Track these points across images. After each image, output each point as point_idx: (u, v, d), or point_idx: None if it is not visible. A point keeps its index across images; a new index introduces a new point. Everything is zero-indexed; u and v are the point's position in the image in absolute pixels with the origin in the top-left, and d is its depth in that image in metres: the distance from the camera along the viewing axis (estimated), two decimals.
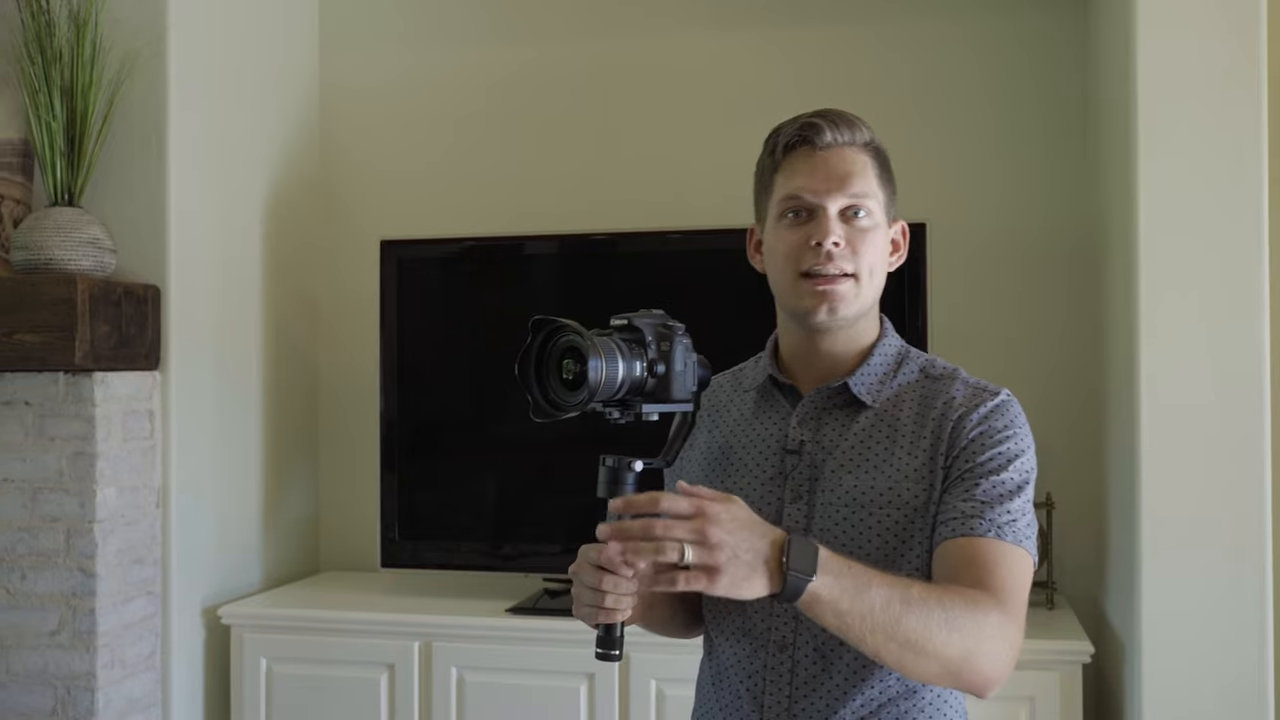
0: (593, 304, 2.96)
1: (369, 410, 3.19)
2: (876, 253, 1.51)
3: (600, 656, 1.42)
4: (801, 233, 1.49)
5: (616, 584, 1.36)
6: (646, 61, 3.26)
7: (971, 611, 1.32)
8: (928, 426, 1.49)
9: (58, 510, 2.62)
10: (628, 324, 1.42)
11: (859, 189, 1.49)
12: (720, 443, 1.60)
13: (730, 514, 1.26)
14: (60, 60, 2.65)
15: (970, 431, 1.47)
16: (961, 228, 3.02)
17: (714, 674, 1.59)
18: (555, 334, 1.36)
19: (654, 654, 2.58)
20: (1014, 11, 3.06)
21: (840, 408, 1.54)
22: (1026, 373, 2.98)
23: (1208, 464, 2.34)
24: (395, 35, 3.41)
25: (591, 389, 1.32)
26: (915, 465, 1.47)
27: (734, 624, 1.54)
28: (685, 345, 1.43)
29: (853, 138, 1.51)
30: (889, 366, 1.56)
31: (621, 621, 1.38)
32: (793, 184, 1.50)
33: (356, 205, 3.41)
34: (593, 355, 1.32)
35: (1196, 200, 2.35)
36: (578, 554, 1.41)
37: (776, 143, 1.54)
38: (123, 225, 2.75)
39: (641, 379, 1.39)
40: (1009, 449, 1.47)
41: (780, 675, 1.49)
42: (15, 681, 2.64)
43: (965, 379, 1.54)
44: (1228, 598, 2.33)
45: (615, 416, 1.41)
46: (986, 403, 1.49)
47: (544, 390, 1.36)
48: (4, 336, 2.54)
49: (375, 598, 3.01)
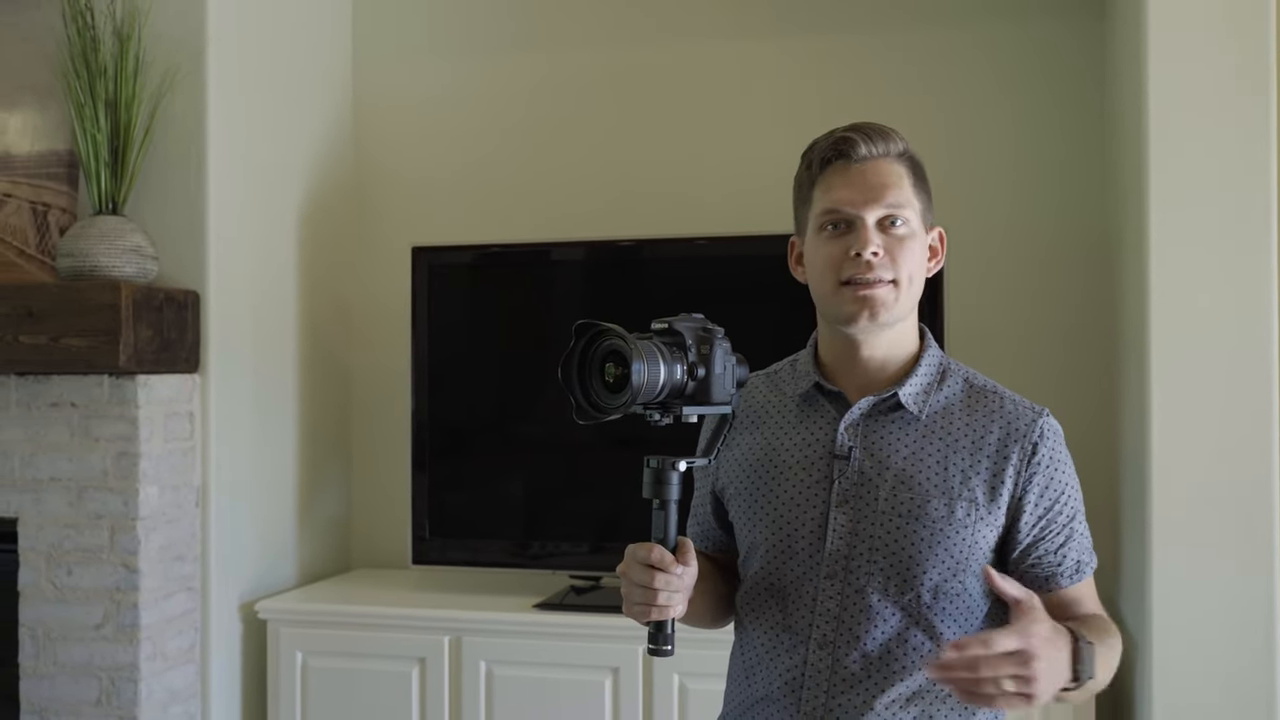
0: (619, 309, 3.00)
1: (400, 412, 3.25)
2: (915, 260, 1.54)
3: (653, 652, 1.46)
4: (841, 244, 1.52)
5: (668, 581, 1.42)
6: (670, 70, 3.31)
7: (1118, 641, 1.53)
8: (985, 450, 1.53)
9: (102, 508, 2.70)
10: (668, 328, 1.46)
11: (895, 199, 1.52)
12: (763, 445, 1.61)
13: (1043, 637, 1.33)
14: (104, 74, 2.74)
15: (1041, 475, 1.53)
16: (976, 229, 3.05)
17: (746, 666, 1.61)
18: (598, 338, 1.39)
19: (678, 648, 2.62)
20: (1027, 19, 3.10)
21: (886, 415, 1.56)
22: (1039, 372, 3.01)
23: (1219, 463, 2.37)
24: (426, 46, 3.48)
25: (634, 392, 1.35)
26: (971, 486, 1.51)
27: (772, 618, 1.57)
28: (725, 348, 1.47)
29: (887, 149, 1.54)
30: (934, 377, 1.58)
31: (673, 618, 1.44)
32: (830, 197, 1.53)
33: (389, 213, 3.48)
34: (635, 359, 1.35)
35: (1208, 202, 2.38)
36: (625, 553, 1.45)
37: (812, 158, 1.57)
38: (164, 233, 2.83)
39: (682, 382, 1.43)
40: (1072, 482, 1.56)
41: (820, 672, 1.51)
42: (63, 673, 2.73)
43: (1010, 396, 1.58)
44: (1238, 596, 2.36)
45: (656, 419, 1.44)
46: (1045, 439, 1.54)
47: (586, 393, 1.40)
48: (51, 341, 2.62)
49: (406, 594, 3.07)
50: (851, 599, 1.51)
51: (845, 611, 1.51)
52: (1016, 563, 1.55)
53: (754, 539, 1.59)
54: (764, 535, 1.57)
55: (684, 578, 1.44)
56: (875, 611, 1.50)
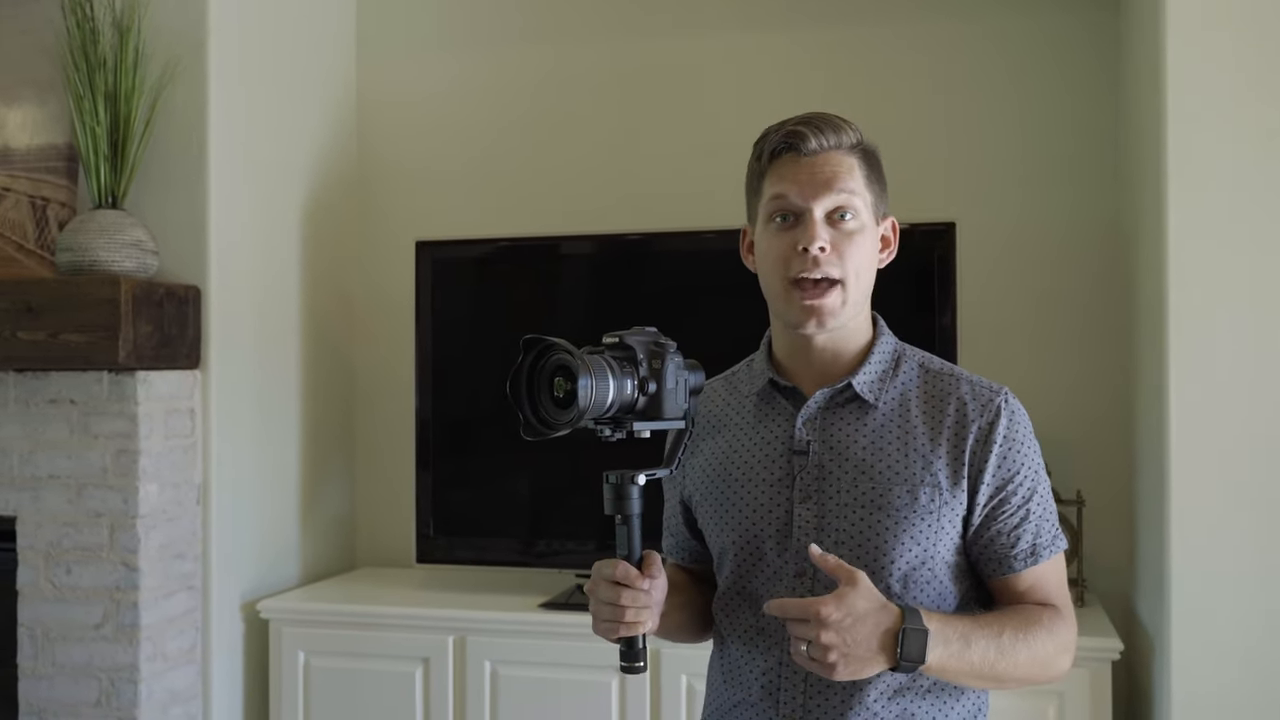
0: (626, 303, 2.98)
1: (404, 408, 3.22)
2: (863, 254, 1.51)
3: (625, 670, 1.45)
4: (789, 238, 1.50)
5: (635, 598, 1.41)
6: (676, 62, 3.28)
7: (1050, 637, 1.48)
8: (943, 433, 1.51)
9: (101, 506, 2.67)
10: (619, 342, 1.43)
11: (844, 192, 1.50)
12: (724, 449, 1.60)
13: (842, 611, 1.34)
14: (104, 67, 2.71)
15: (996, 451, 1.50)
16: (988, 226, 3.03)
17: (725, 672, 1.60)
18: (546, 352, 1.37)
19: (684, 649, 2.60)
20: (1039, 11, 3.06)
21: (843, 406, 1.54)
22: (1053, 370, 2.99)
23: (1237, 461, 2.34)
24: (430, 40, 3.46)
25: (581, 408, 1.33)
26: (934, 470, 1.49)
27: (747, 624, 1.55)
28: (677, 363, 1.45)
29: (839, 141, 1.52)
30: (887, 365, 1.56)
31: (643, 634, 1.42)
32: (779, 187, 1.52)
33: (392, 206, 3.46)
34: (583, 374, 1.33)
35: (1226, 194, 2.35)
36: (591, 571, 1.44)
37: (763, 149, 1.55)
38: (164, 227, 2.80)
39: (632, 398, 1.40)
40: (1030, 462, 1.52)
41: (795, 674, 1.50)
42: (61, 673, 2.70)
43: (967, 377, 1.56)
44: (1257, 595, 2.33)
45: (607, 434, 1.42)
46: (1001, 416, 1.51)
47: (535, 408, 1.38)
48: (50, 337, 2.60)
49: (410, 593, 3.05)
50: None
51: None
52: (971, 544, 1.52)
53: (723, 544, 1.58)
54: (732, 539, 1.56)
55: (652, 592, 1.43)
56: None
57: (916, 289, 2.76)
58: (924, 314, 2.75)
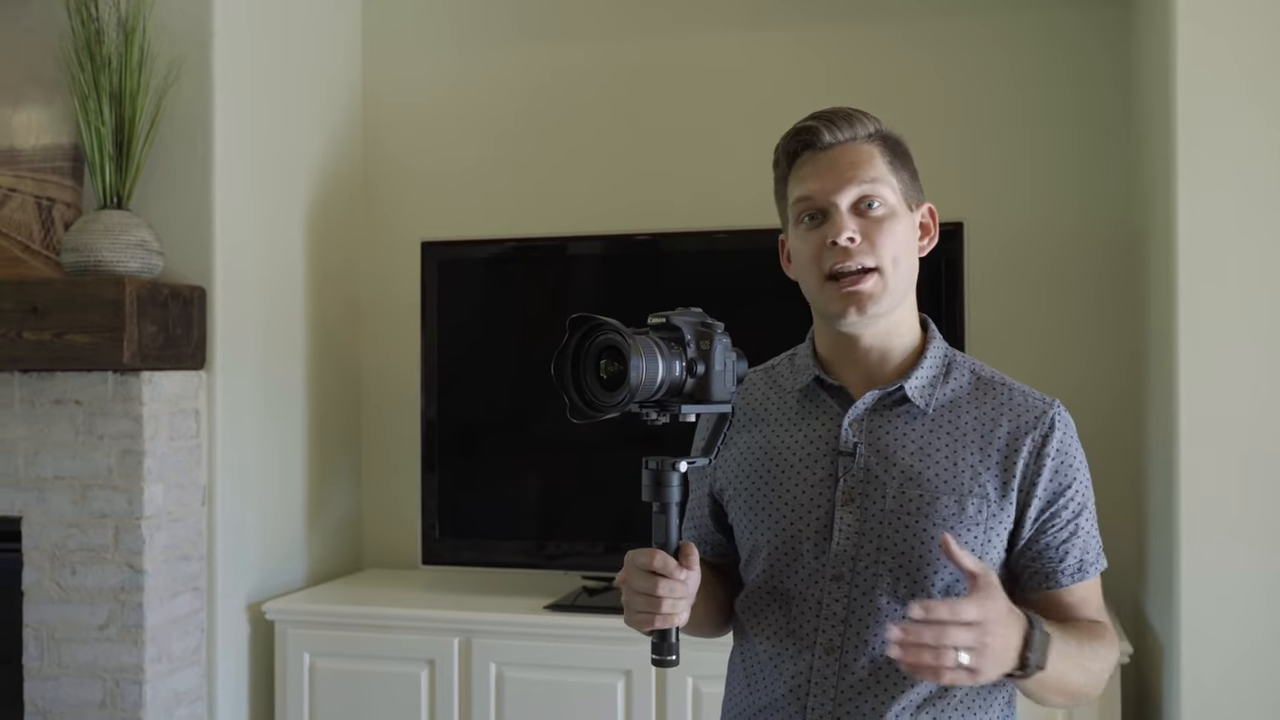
0: (635, 304, 2.96)
1: (410, 409, 3.21)
2: (898, 241, 1.48)
3: (656, 663, 1.40)
4: (819, 235, 1.48)
5: (673, 588, 1.36)
6: (684, 62, 3.27)
7: (1110, 652, 1.48)
8: (995, 444, 1.48)
9: (106, 507, 2.67)
10: (666, 322, 1.39)
11: (866, 182, 1.47)
12: (762, 444, 1.56)
13: (997, 612, 1.30)
14: (109, 67, 2.70)
15: (1050, 464, 1.48)
16: (996, 224, 3.02)
17: (748, 672, 1.56)
18: (593, 332, 1.32)
19: (690, 651, 2.56)
20: (1048, 8, 3.05)
21: (891, 409, 1.51)
22: (1062, 369, 2.98)
23: (1247, 463, 2.32)
24: (436, 39, 3.45)
25: (632, 389, 1.28)
26: (982, 481, 1.46)
27: (775, 624, 1.51)
28: (725, 344, 1.40)
29: (854, 133, 1.50)
30: (939, 369, 1.54)
31: (677, 626, 1.38)
32: (802, 188, 1.50)
33: (398, 207, 3.45)
34: (633, 355, 1.28)
35: (1237, 190, 2.33)
36: (624, 560, 1.39)
37: (781, 154, 1.54)
38: (169, 227, 2.80)
39: (681, 379, 1.36)
40: (1082, 476, 1.51)
41: (826, 678, 1.46)
42: (66, 674, 2.69)
43: (1020, 388, 1.53)
44: (1267, 598, 2.31)
45: (653, 418, 1.37)
46: (1056, 428, 1.49)
47: (580, 390, 1.33)
48: (54, 337, 2.60)
49: (416, 594, 3.04)
50: (859, 602, 1.46)
51: (852, 615, 1.46)
52: (1018, 557, 1.50)
53: (756, 542, 1.54)
54: (766, 537, 1.52)
55: (688, 583, 1.39)
56: (884, 614, 1.44)
57: (925, 288, 2.73)
58: (931, 312, 2.71)
